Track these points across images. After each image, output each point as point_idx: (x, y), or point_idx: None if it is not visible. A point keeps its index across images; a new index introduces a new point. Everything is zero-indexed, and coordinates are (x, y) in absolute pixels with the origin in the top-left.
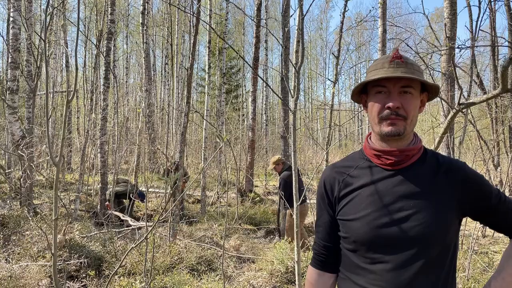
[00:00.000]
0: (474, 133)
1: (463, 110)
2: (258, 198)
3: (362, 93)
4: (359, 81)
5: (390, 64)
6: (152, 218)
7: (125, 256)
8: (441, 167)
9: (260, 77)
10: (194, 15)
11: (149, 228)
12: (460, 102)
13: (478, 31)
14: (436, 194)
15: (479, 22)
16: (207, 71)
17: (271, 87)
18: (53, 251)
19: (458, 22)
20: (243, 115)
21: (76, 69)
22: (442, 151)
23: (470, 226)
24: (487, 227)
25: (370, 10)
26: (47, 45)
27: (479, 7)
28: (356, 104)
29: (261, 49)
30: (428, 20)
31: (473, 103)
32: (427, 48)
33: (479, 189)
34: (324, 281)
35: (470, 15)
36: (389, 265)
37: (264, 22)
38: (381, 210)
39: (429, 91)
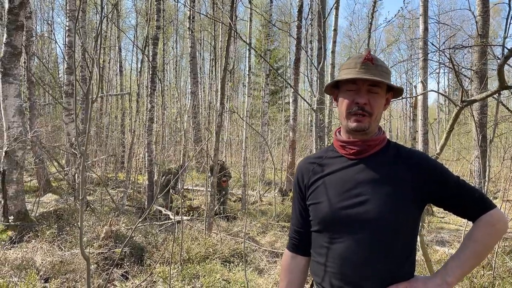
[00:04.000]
0: None
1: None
2: None
3: (334, 88)
4: (411, 78)
5: (362, 66)
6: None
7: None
8: (401, 156)
9: (283, 78)
10: (225, 24)
11: (186, 223)
12: (463, 99)
13: (509, 29)
14: (393, 181)
15: (508, 20)
16: (247, 73)
17: (313, 86)
18: (79, 225)
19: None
20: (287, 115)
21: (99, 74)
22: (476, 150)
23: None
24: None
25: (398, 11)
26: (100, 51)
27: (509, 4)
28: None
29: (306, 49)
30: (474, 17)
31: (475, 100)
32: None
33: (437, 177)
34: (297, 262)
35: None
36: (346, 244)
37: (309, 21)
38: (342, 195)
39: (394, 91)
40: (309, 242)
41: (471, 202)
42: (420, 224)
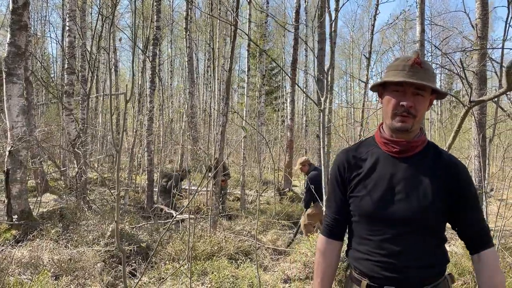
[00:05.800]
0: None
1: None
2: (296, 196)
3: (379, 86)
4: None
5: (410, 69)
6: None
7: None
8: (440, 160)
9: (290, 77)
10: (232, 24)
11: (192, 221)
12: (471, 100)
13: (508, 31)
14: (431, 181)
15: (508, 23)
16: (246, 73)
17: (307, 87)
18: (115, 219)
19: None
20: (283, 116)
21: (133, 74)
22: (475, 149)
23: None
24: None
25: (400, 13)
26: (98, 51)
27: (508, 8)
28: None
29: (301, 50)
30: (469, 18)
31: (483, 101)
32: (468, 47)
33: (464, 187)
34: (332, 247)
35: None
36: (385, 236)
37: (304, 23)
38: (383, 191)
39: (438, 93)
40: (344, 228)
41: (477, 228)
42: None
